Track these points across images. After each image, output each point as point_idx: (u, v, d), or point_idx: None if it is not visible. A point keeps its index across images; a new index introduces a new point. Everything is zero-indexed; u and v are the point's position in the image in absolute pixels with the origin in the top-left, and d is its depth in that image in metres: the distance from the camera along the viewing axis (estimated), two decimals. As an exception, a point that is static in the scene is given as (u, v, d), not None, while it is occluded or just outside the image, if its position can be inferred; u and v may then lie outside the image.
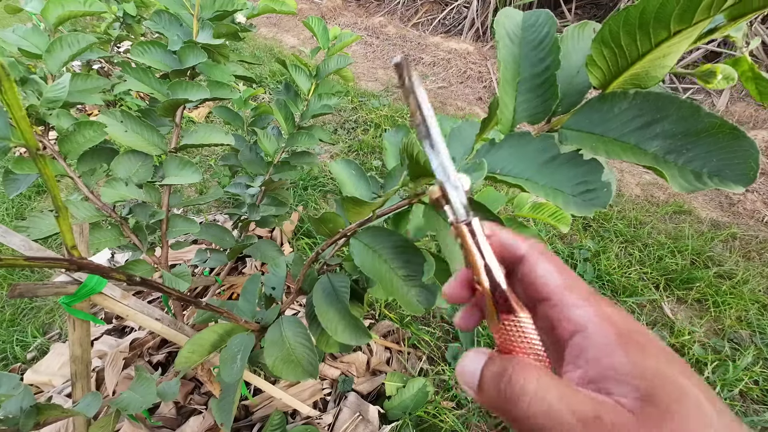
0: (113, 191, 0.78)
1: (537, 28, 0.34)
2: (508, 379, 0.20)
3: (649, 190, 2.27)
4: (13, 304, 1.50)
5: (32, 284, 0.59)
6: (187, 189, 2.13)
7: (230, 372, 0.62)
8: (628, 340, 0.19)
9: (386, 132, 0.75)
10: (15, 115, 0.31)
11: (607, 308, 0.21)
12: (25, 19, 3.74)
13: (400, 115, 2.81)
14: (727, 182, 0.23)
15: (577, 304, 0.21)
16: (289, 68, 1.01)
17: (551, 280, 0.22)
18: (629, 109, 0.27)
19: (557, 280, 0.22)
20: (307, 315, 0.68)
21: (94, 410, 0.62)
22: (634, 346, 0.19)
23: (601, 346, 0.19)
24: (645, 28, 0.23)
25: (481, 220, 0.23)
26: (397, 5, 4.86)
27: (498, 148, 0.34)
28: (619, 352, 0.19)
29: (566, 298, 0.22)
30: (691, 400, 0.17)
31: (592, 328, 0.20)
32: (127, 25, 1.58)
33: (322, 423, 1.06)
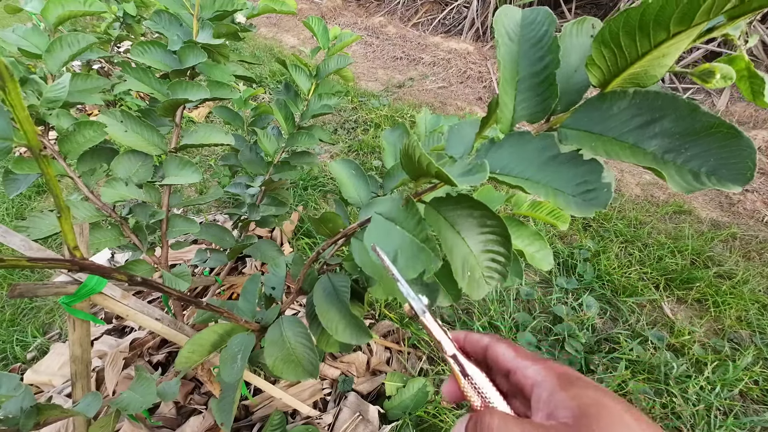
0: (113, 191, 0.78)
1: (536, 26, 0.34)
2: (480, 424, 0.25)
3: (649, 190, 2.28)
4: (13, 304, 1.50)
5: (32, 284, 0.59)
6: (187, 189, 2.13)
7: (230, 372, 0.62)
8: (565, 380, 0.26)
9: (384, 131, 0.75)
10: (18, 115, 0.31)
11: (550, 362, 0.28)
12: (25, 19, 3.75)
13: (400, 115, 2.81)
14: (725, 182, 0.23)
15: (527, 364, 0.28)
16: (289, 68, 1.01)
17: (507, 354, 0.30)
18: (628, 108, 0.27)
19: (510, 354, 0.30)
20: (308, 315, 0.68)
21: (94, 410, 0.62)
22: (568, 382, 0.26)
23: (548, 389, 0.26)
24: (645, 30, 0.23)
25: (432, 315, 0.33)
26: (397, 5, 4.86)
27: (498, 147, 0.34)
28: (558, 388, 0.25)
29: (520, 364, 0.29)
30: (614, 412, 0.23)
31: (540, 377, 0.27)
32: (127, 25, 1.58)
33: (322, 423, 1.06)
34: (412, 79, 3.52)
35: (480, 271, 0.38)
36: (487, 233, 0.39)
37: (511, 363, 0.29)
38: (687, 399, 1.24)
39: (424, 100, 3.11)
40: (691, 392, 1.25)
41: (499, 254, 0.38)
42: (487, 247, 0.39)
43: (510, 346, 0.30)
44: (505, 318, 1.47)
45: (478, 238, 0.39)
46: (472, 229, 0.39)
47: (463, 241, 0.39)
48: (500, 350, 0.30)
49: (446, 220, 0.41)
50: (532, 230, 0.70)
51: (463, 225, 0.40)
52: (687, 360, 1.36)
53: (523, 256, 0.69)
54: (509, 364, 0.29)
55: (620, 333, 1.44)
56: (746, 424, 1.19)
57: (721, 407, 1.23)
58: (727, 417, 1.21)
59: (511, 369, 0.29)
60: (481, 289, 0.38)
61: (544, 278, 1.69)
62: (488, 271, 0.38)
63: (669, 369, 1.31)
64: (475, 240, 0.39)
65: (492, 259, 0.38)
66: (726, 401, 1.24)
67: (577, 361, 1.34)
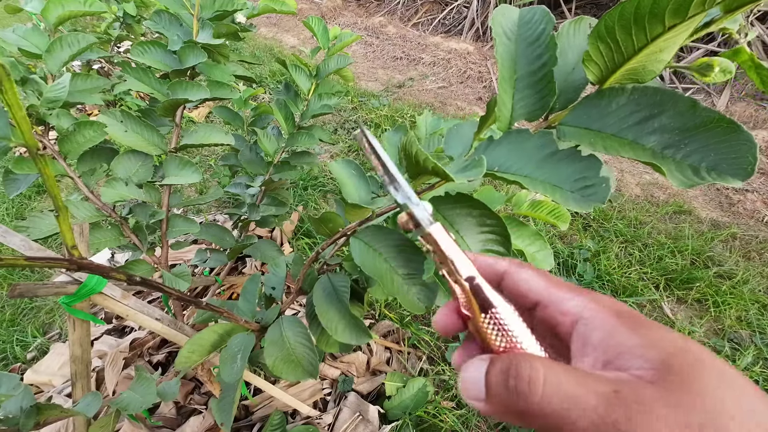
0: (113, 191, 0.78)
1: (533, 25, 0.34)
2: (516, 374, 0.18)
3: (649, 189, 2.27)
4: (13, 304, 1.50)
5: (32, 284, 0.59)
6: (187, 189, 2.13)
7: (230, 372, 0.62)
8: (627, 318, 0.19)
9: (386, 132, 0.75)
10: (15, 115, 0.31)
11: (596, 294, 0.21)
12: (25, 19, 3.75)
13: (400, 115, 2.81)
14: (725, 176, 0.23)
15: (567, 297, 0.21)
16: (289, 68, 1.01)
17: (535, 284, 0.23)
18: (627, 104, 0.27)
19: (540, 282, 0.23)
20: (307, 315, 0.68)
21: (94, 410, 0.62)
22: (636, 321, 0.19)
23: (603, 328, 0.19)
24: (640, 23, 0.23)
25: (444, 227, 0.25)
26: (397, 5, 4.86)
27: (496, 145, 0.34)
28: (623, 329, 0.19)
29: (555, 295, 0.22)
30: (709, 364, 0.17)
31: (589, 314, 0.20)
32: (127, 25, 1.58)
33: (322, 423, 1.06)
34: (412, 79, 3.52)
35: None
36: (486, 232, 0.39)
37: (540, 293, 0.22)
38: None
39: (424, 100, 3.11)
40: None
41: (498, 254, 0.38)
42: (487, 246, 0.39)
43: (537, 272, 0.23)
44: (505, 318, 1.47)
45: (478, 237, 0.39)
46: (472, 228, 0.39)
47: (462, 240, 0.39)
48: (524, 277, 0.23)
49: (446, 219, 0.41)
50: (533, 230, 0.70)
51: (463, 224, 0.40)
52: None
53: (524, 256, 0.69)
54: (538, 294, 0.22)
55: (621, 333, 1.44)
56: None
57: (721, 407, 1.23)
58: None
59: (541, 301, 0.22)
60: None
61: (545, 278, 1.69)
62: (488, 270, 0.38)
63: (669, 369, 1.31)
64: (475, 239, 0.39)
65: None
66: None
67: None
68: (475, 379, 0.20)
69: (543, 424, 0.17)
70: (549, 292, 0.22)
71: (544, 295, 0.22)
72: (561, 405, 0.17)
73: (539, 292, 0.22)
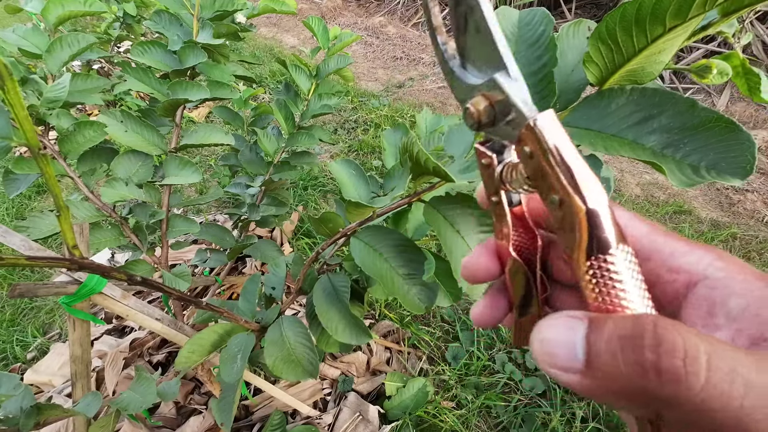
0: (113, 191, 0.78)
1: (533, 26, 0.34)
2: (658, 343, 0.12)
3: (649, 190, 2.27)
4: (13, 304, 1.50)
5: (32, 284, 0.59)
6: (187, 189, 2.13)
7: (230, 372, 0.62)
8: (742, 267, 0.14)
9: (385, 131, 0.75)
10: (18, 115, 0.31)
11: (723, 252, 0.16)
12: (25, 19, 3.75)
13: (400, 115, 2.81)
14: (725, 175, 0.23)
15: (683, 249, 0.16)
16: (289, 68, 1.01)
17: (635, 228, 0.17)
18: (626, 105, 0.27)
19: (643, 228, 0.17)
20: (308, 315, 0.68)
21: (94, 410, 0.62)
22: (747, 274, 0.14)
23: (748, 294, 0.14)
24: (641, 25, 0.23)
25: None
26: (397, 5, 4.86)
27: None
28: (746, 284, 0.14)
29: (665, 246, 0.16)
30: None
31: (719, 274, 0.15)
32: (127, 25, 1.58)
33: (322, 423, 1.06)
34: (412, 79, 3.52)
35: (480, 269, 0.38)
36: (486, 232, 0.39)
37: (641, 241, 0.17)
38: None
39: (424, 100, 3.11)
40: None
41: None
42: (487, 246, 0.39)
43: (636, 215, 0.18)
44: (505, 318, 1.47)
45: (478, 237, 0.39)
46: (472, 228, 0.39)
47: (462, 240, 0.39)
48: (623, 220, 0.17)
49: (446, 219, 0.41)
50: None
51: (463, 224, 0.40)
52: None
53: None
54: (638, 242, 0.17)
55: (620, 333, 1.44)
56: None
57: (721, 407, 1.23)
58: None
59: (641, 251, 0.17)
60: (481, 289, 0.38)
61: (544, 278, 1.69)
62: (488, 269, 0.38)
63: (669, 369, 1.31)
64: (475, 239, 0.39)
65: (492, 257, 0.38)
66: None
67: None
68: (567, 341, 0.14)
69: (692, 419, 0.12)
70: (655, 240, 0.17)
71: (645, 244, 0.17)
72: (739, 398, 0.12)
73: (640, 238, 0.17)
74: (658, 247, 0.17)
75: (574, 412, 1.17)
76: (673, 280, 0.16)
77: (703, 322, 0.15)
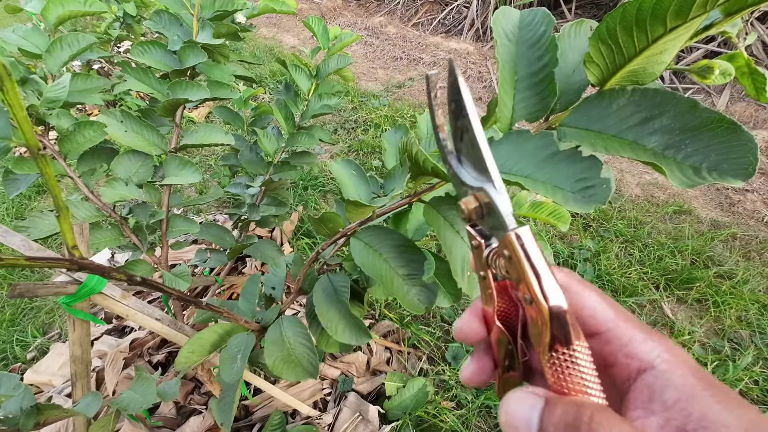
0: (113, 191, 0.78)
1: (534, 27, 0.34)
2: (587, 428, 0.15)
3: (649, 190, 2.27)
4: (13, 304, 1.50)
5: (32, 284, 0.59)
6: (187, 189, 2.13)
7: (230, 372, 0.62)
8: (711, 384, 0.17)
9: (385, 132, 0.75)
10: (16, 115, 0.31)
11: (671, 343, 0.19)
12: (25, 19, 3.75)
13: (400, 115, 2.81)
14: (726, 176, 0.23)
15: (639, 338, 0.19)
16: (289, 68, 1.01)
17: (602, 313, 0.20)
18: (627, 105, 0.27)
19: (608, 312, 0.20)
20: (307, 315, 0.68)
21: (94, 410, 0.62)
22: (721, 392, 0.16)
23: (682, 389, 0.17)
24: (642, 25, 0.23)
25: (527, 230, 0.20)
26: (397, 5, 4.86)
27: (497, 145, 0.34)
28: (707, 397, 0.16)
29: (625, 333, 0.19)
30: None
31: (663, 366, 0.18)
32: (127, 25, 1.58)
33: (322, 423, 1.06)
34: (412, 79, 3.52)
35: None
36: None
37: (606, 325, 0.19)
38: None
39: (424, 100, 3.11)
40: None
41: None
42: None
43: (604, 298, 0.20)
44: (505, 318, 1.47)
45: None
46: (472, 228, 0.39)
47: (462, 241, 0.39)
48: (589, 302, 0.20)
49: (445, 220, 0.41)
50: (533, 230, 0.69)
51: (463, 224, 0.40)
52: (687, 360, 1.35)
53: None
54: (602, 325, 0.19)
55: (620, 333, 1.44)
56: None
57: (721, 407, 1.23)
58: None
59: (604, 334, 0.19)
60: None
61: (545, 278, 1.69)
62: (488, 270, 0.38)
63: (669, 369, 1.31)
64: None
65: (492, 257, 0.38)
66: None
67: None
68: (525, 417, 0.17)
69: None
70: (617, 326, 0.19)
71: (610, 328, 0.19)
72: None
73: (605, 323, 0.19)
74: (618, 334, 0.19)
75: (574, 412, 1.17)
76: (627, 365, 0.19)
77: (643, 406, 0.17)
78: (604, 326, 0.20)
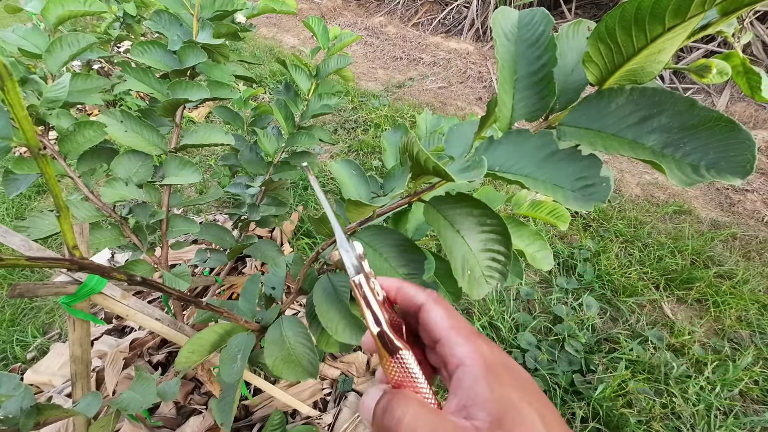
0: (113, 191, 0.78)
1: (533, 27, 0.34)
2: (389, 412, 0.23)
3: (649, 190, 2.28)
4: (13, 304, 1.50)
5: (32, 284, 0.59)
6: (187, 189, 2.13)
7: (230, 372, 0.62)
8: (490, 372, 0.23)
9: (385, 132, 0.75)
10: (17, 115, 0.31)
11: (483, 345, 0.25)
12: (25, 19, 3.75)
13: (400, 114, 2.81)
14: (725, 174, 0.23)
15: (459, 342, 0.25)
16: (289, 68, 1.01)
17: (440, 323, 0.27)
18: (626, 104, 0.27)
19: (445, 323, 0.26)
20: (308, 314, 0.68)
21: (94, 410, 0.62)
22: (494, 376, 0.23)
23: (472, 377, 0.23)
24: (641, 24, 0.23)
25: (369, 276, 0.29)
26: (397, 5, 4.87)
27: (497, 145, 0.34)
28: (482, 382, 0.23)
29: (452, 338, 0.26)
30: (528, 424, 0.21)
31: (468, 362, 0.24)
32: (127, 25, 1.58)
33: (322, 423, 1.06)
34: (412, 79, 3.52)
35: (480, 270, 0.38)
36: (487, 232, 0.39)
37: (441, 333, 0.26)
38: (687, 399, 1.24)
39: (424, 100, 3.11)
40: (691, 392, 1.25)
41: (499, 253, 0.38)
42: (487, 246, 0.39)
43: (446, 311, 0.27)
44: (505, 318, 1.47)
45: (478, 237, 0.39)
46: (472, 228, 0.39)
47: (462, 240, 0.39)
48: (435, 316, 0.27)
49: (446, 219, 0.41)
50: (533, 230, 0.70)
51: (463, 224, 0.40)
52: (687, 360, 1.35)
53: (524, 256, 0.69)
54: (439, 333, 0.26)
55: (620, 333, 1.44)
56: (746, 424, 1.19)
57: (721, 407, 1.23)
58: (727, 417, 1.21)
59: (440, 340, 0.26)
60: (481, 289, 0.38)
61: (544, 278, 1.69)
62: (488, 270, 0.38)
63: (669, 369, 1.31)
64: (475, 239, 0.39)
65: (492, 258, 0.38)
66: (726, 401, 1.24)
67: (577, 361, 1.34)
68: (368, 406, 0.25)
69: None
70: (448, 334, 0.26)
71: (444, 335, 0.26)
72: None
73: (441, 331, 0.26)
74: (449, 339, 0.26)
75: (574, 412, 1.17)
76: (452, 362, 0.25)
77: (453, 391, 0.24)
78: (440, 334, 0.26)
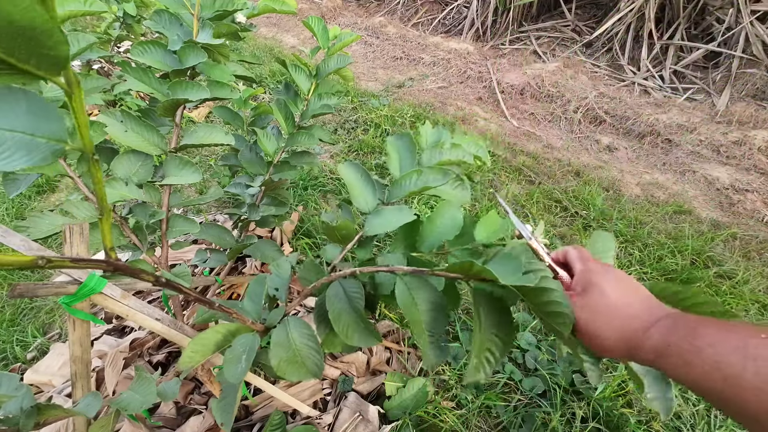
0: (113, 191, 0.78)
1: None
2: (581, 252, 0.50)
3: (649, 189, 2.28)
4: (13, 304, 1.50)
5: (32, 284, 0.59)
6: (187, 189, 2.13)
7: (234, 372, 0.62)
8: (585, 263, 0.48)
9: (389, 136, 0.75)
10: (79, 120, 0.31)
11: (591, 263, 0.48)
12: (25, 19, 3.74)
13: (400, 115, 2.81)
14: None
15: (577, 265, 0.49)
16: (289, 68, 1.01)
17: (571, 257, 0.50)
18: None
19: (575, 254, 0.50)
20: (316, 317, 0.68)
21: (94, 410, 0.62)
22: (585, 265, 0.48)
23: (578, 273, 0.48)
24: None
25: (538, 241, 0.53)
26: (397, 5, 4.86)
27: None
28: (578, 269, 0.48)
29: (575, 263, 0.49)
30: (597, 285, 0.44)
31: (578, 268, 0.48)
32: (127, 25, 1.58)
33: (322, 423, 1.06)
34: (412, 79, 3.52)
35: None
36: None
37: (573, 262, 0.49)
38: (687, 399, 1.24)
39: (424, 100, 3.11)
40: (691, 392, 1.25)
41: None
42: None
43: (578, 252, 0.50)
44: (505, 318, 1.47)
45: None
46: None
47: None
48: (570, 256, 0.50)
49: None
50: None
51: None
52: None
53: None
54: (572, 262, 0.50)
55: (620, 333, 1.44)
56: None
57: (721, 407, 1.23)
58: (727, 417, 1.21)
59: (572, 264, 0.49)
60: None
61: (545, 278, 1.69)
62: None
63: (669, 369, 1.31)
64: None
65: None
66: (726, 401, 1.24)
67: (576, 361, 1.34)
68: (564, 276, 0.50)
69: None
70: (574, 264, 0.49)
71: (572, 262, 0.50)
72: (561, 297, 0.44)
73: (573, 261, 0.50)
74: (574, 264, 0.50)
75: (574, 412, 1.17)
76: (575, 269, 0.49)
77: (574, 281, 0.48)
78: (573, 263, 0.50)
